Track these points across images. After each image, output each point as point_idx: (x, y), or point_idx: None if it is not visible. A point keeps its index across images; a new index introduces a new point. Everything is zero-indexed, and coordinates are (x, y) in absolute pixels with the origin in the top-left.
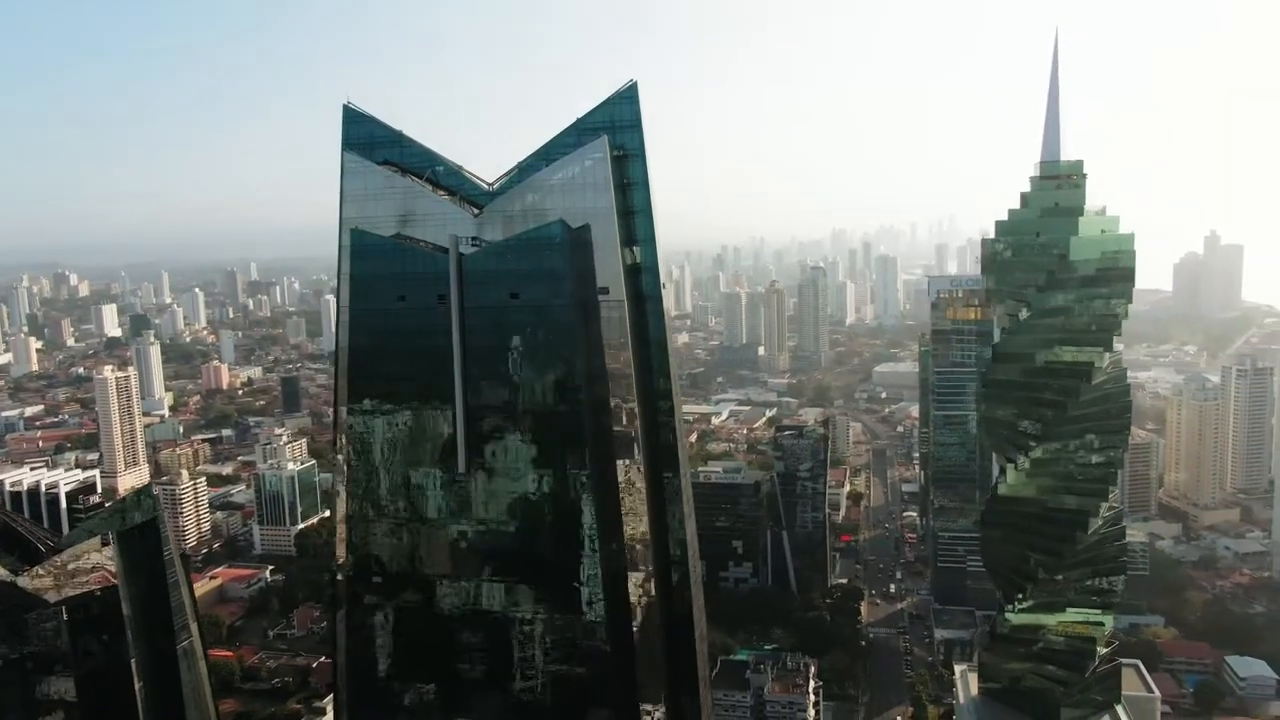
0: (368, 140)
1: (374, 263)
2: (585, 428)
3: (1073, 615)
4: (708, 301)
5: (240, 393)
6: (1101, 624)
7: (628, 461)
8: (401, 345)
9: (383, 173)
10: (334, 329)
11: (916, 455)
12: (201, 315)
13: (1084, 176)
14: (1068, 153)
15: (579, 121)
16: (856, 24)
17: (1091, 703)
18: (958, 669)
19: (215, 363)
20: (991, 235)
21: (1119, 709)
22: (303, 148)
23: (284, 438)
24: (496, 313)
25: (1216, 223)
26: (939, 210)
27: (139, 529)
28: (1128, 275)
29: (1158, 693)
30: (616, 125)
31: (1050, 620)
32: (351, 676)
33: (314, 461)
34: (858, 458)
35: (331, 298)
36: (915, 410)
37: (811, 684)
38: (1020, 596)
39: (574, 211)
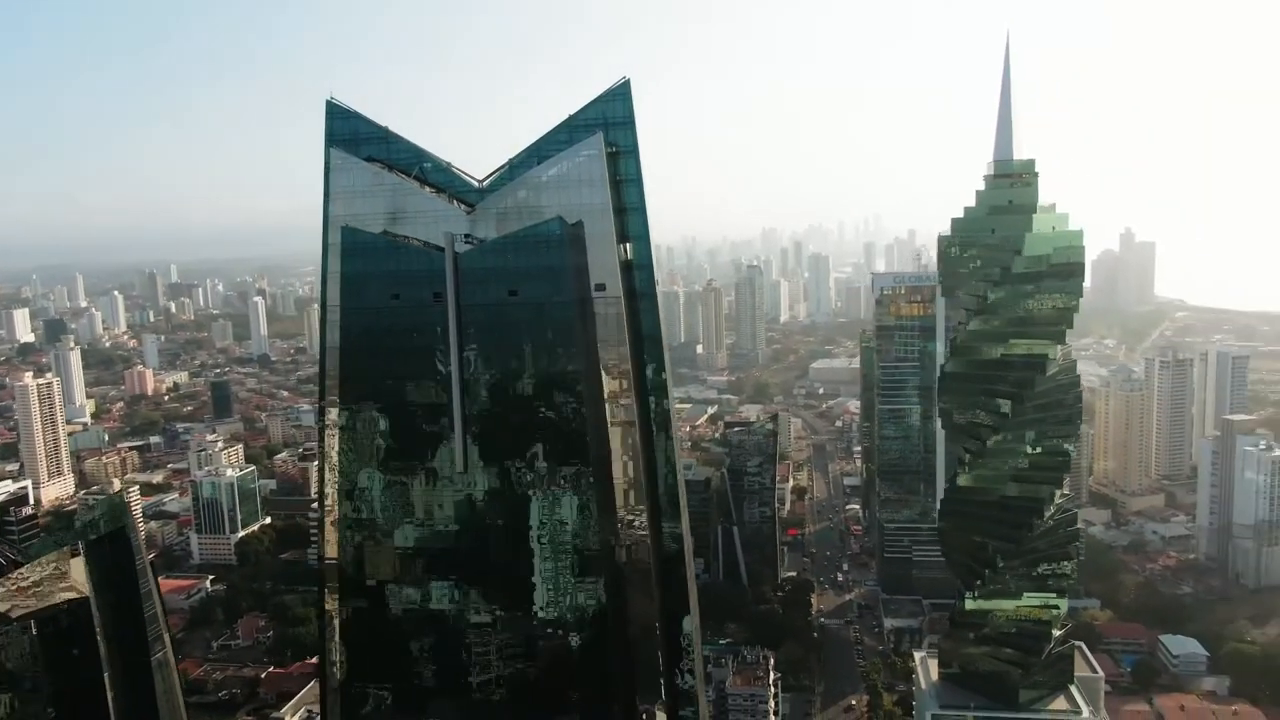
0: (351, 136)
1: (366, 261)
2: (586, 423)
3: (1029, 600)
4: None
5: (166, 398)
6: (1057, 607)
7: (625, 457)
8: (396, 343)
9: (371, 169)
10: (318, 328)
11: (858, 449)
12: (121, 319)
13: (1035, 175)
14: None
15: (571, 118)
16: (779, 28)
17: (1047, 684)
18: (917, 656)
19: (139, 368)
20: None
21: (1072, 689)
22: (222, 146)
23: (219, 444)
24: (494, 310)
25: (1131, 220)
26: (865, 209)
27: (108, 538)
28: (1078, 270)
29: (1102, 673)
30: (609, 122)
31: (1008, 605)
32: (344, 681)
33: (253, 468)
34: (799, 453)
35: (260, 300)
36: (853, 405)
37: (771, 676)
38: (979, 583)
39: (570, 208)
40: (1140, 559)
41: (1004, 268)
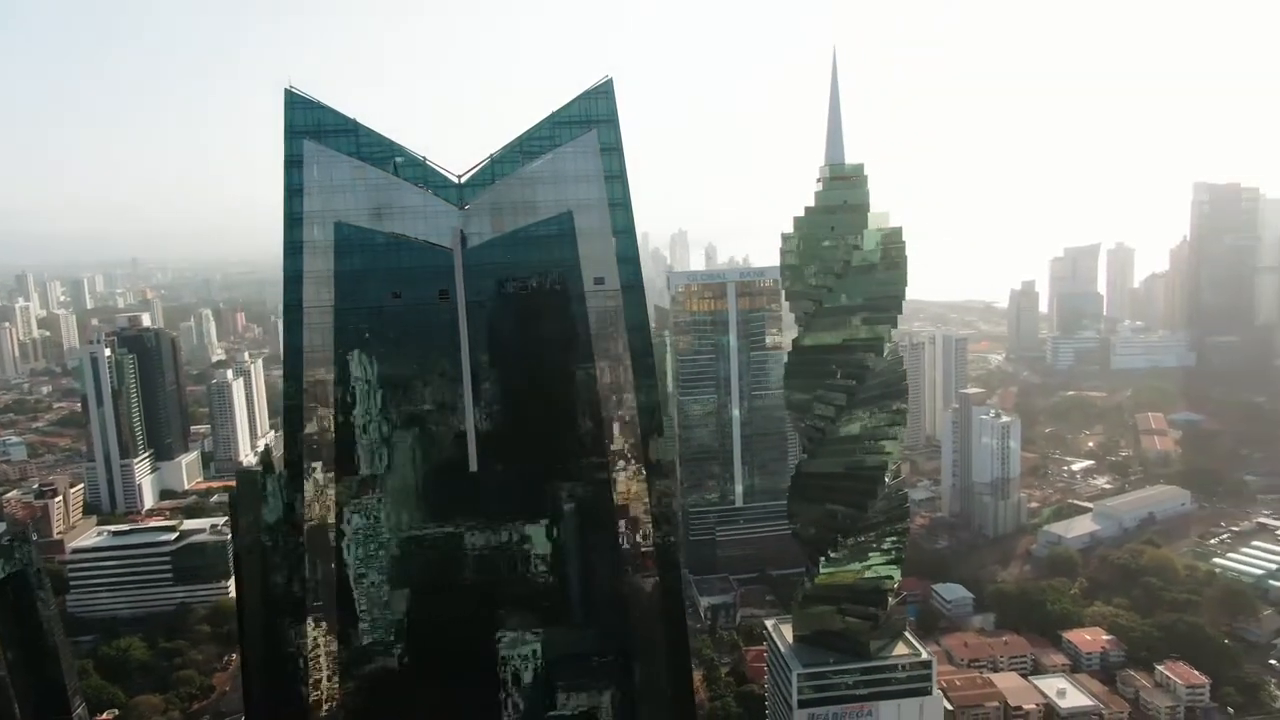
0: (314, 128)
1: (362, 258)
2: (592, 417)
3: (873, 560)
4: None
5: None
6: (896, 564)
7: (624, 444)
8: (398, 343)
9: (349, 163)
10: (284, 329)
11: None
12: None
13: (865, 178)
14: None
15: (554, 115)
16: (490, 29)
17: (888, 634)
18: (768, 623)
19: None
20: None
21: (907, 634)
22: None
23: None
24: (503, 306)
25: None
26: None
27: (10, 581)
28: (902, 262)
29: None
30: (593, 119)
31: (858, 568)
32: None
33: None
34: None
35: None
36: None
37: None
38: (832, 551)
39: (567, 204)
40: None
41: (846, 261)
